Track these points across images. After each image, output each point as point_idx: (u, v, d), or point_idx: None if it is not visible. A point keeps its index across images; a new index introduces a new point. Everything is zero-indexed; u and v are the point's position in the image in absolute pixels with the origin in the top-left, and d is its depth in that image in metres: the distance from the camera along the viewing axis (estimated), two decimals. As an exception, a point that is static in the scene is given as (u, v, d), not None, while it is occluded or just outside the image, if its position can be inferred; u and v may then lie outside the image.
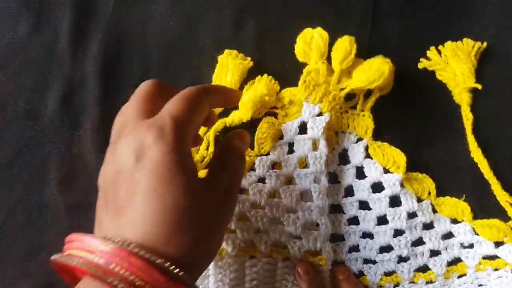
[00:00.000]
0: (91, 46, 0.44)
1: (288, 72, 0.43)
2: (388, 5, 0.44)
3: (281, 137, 0.42)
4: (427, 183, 0.42)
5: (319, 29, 0.41)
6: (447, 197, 0.42)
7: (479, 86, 0.41)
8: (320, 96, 0.40)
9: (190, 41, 0.44)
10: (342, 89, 0.41)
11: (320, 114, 0.41)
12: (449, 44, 0.43)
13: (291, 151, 0.41)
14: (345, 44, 0.40)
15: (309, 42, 0.41)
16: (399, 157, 0.41)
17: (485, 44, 0.43)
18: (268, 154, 0.42)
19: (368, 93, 0.42)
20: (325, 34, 0.41)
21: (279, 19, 0.44)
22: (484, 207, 0.42)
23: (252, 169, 0.41)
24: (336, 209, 0.42)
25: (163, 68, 0.44)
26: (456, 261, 0.41)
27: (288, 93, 0.42)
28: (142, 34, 0.45)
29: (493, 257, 0.41)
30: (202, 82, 0.44)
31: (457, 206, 0.42)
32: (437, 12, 0.44)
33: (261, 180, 0.41)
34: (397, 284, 0.41)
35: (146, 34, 0.45)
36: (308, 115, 0.41)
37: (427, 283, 0.41)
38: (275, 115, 0.42)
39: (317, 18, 0.44)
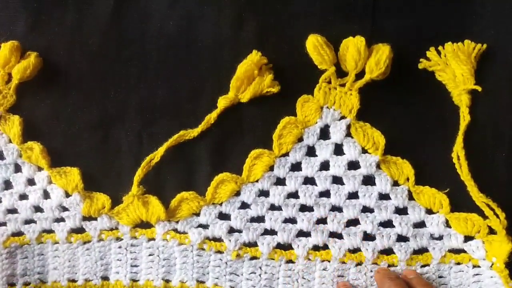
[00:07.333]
0: (91, 46, 0.45)
1: (287, 72, 0.44)
2: (388, 4, 0.44)
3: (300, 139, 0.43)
4: (407, 169, 0.42)
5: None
6: (427, 186, 0.42)
7: (479, 88, 0.41)
8: (338, 100, 0.42)
9: (190, 41, 0.45)
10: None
11: (341, 118, 0.43)
12: (449, 45, 0.42)
13: (309, 153, 0.43)
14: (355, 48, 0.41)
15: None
16: (379, 139, 0.42)
17: (485, 46, 0.42)
18: (287, 155, 0.43)
19: (361, 74, 0.42)
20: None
21: (279, 19, 0.44)
22: (470, 204, 0.41)
23: (271, 169, 0.43)
24: (308, 181, 0.43)
25: (163, 68, 0.45)
26: (422, 250, 0.41)
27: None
28: (141, 34, 0.45)
29: (458, 251, 0.41)
30: (201, 82, 0.44)
31: (435, 196, 0.41)
32: (437, 12, 0.43)
33: (280, 180, 0.43)
34: (360, 263, 0.42)
35: (146, 34, 0.45)
36: (330, 119, 0.42)
37: (389, 266, 0.41)
38: (291, 112, 0.43)
39: (317, 18, 0.44)
